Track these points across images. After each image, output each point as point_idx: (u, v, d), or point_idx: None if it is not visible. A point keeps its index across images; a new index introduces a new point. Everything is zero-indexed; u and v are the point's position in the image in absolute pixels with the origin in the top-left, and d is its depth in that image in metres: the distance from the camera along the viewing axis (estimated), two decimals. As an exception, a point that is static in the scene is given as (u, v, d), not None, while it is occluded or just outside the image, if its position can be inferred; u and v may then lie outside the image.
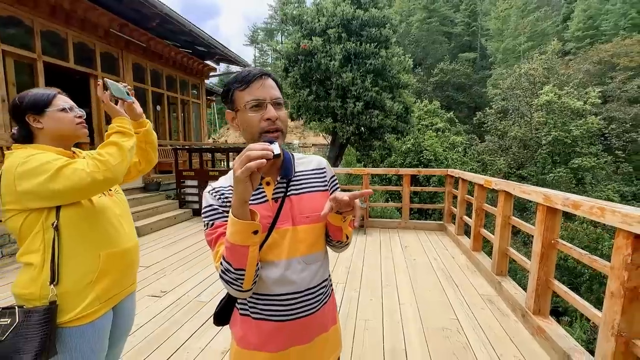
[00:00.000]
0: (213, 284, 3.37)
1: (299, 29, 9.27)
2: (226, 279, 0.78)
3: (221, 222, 0.84)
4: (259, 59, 60.02)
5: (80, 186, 1.01)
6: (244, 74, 0.86)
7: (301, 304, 0.89)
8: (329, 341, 0.97)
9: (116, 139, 1.15)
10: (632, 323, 1.65)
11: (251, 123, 0.83)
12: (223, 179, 0.93)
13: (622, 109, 18.15)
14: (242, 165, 0.67)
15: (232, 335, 0.96)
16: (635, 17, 32.46)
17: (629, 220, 1.62)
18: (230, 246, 0.74)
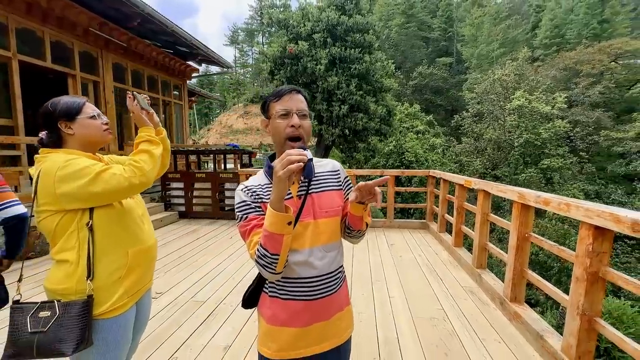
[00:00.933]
0: (208, 284, 3.43)
1: (285, 33, 9.38)
2: (262, 263, 0.93)
3: (254, 215, 0.99)
4: (239, 59, 59.39)
5: (118, 189, 1.12)
6: (278, 90, 1.04)
7: (323, 285, 1.04)
8: (344, 319, 1.13)
9: (147, 147, 1.27)
10: (593, 303, 1.90)
11: (279, 129, 1.01)
12: (253, 179, 1.09)
13: (586, 113, 19.46)
14: (283, 167, 0.82)
15: (260, 316, 1.10)
16: (596, 27, 34.80)
17: (590, 214, 1.86)
18: (268, 234, 0.89)
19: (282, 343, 1.04)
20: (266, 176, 1.07)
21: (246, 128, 36.27)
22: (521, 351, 2.30)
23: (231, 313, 2.82)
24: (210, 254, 4.47)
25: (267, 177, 1.07)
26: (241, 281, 3.52)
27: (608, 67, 22.24)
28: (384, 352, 2.28)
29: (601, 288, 1.89)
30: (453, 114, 22.39)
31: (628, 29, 36.28)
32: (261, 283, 1.10)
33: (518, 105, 12.97)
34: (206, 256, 4.37)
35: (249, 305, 1.14)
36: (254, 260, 0.96)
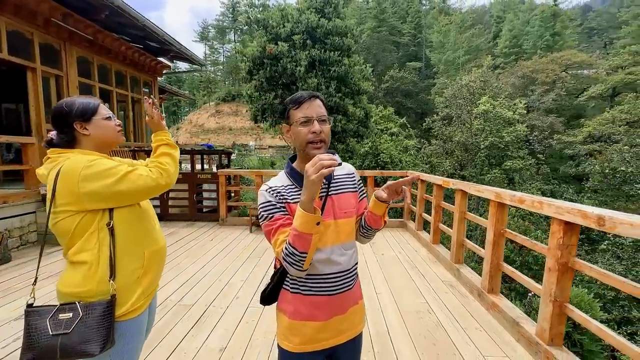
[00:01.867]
0: (194, 287, 3.36)
1: (264, 33, 9.30)
2: (289, 260, 0.97)
3: (280, 215, 1.04)
4: (210, 56, 57.75)
5: (144, 189, 1.14)
6: (298, 96, 1.09)
7: (342, 281, 1.11)
8: (358, 312, 1.20)
9: (168, 150, 1.30)
10: (563, 290, 2.13)
11: (301, 135, 1.06)
12: (276, 180, 1.13)
13: (541, 118, 21.11)
14: (317, 171, 0.88)
15: (280, 312, 1.15)
16: (549, 39, 37.81)
17: (561, 211, 2.09)
18: (298, 234, 0.94)
19: (304, 337, 1.09)
20: (288, 178, 1.11)
21: (218, 127, 35.36)
22: (500, 337, 2.51)
23: (222, 315, 2.80)
24: (192, 256, 4.37)
25: (289, 178, 1.11)
26: (228, 283, 3.49)
27: (559, 76, 24.27)
28: (377, 345, 2.39)
29: (570, 277, 2.12)
30: (423, 116, 23.33)
31: (576, 42, 39.82)
32: (281, 280, 1.15)
33: (484, 110, 13.86)
34: (189, 258, 4.26)
35: (268, 302, 1.18)
36: (280, 258, 1.01)
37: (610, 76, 23.58)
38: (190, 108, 45.02)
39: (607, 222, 1.75)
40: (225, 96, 39.36)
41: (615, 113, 18.44)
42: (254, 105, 9.65)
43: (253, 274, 3.75)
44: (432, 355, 2.28)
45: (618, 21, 46.33)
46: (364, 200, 1.26)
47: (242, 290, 3.30)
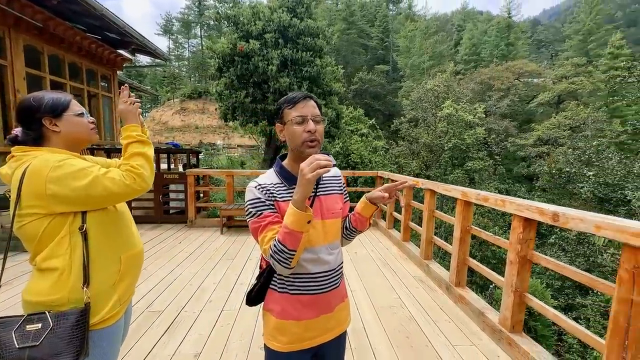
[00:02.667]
0: (163, 293, 3.21)
1: (234, 30, 9.06)
2: (278, 258, 0.97)
3: (269, 212, 1.04)
4: (174, 51, 55.25)
5: (117, 194, 1.06)
6: (292, 96, 1.10)
7: (329, 280, 1.13)
8: (344, 309, 1.23)
9: (140, 149, 1.18)
10: (523, 281, 2.31)
11: (296, 134, 1.06)
12: (265, 177, 1.12)
13: (497, 122, 22.66)
14: (313, 170, 0.89)
15: (267, 312, 1.14)
16: (503, 49, 40.68)
17: (521, 208, 2.27)
18: (289, 231, 0.94)
19: (292, 336, 1.09)
20: (277, 176, 1.11)
21: (183, 125, 33.93)
22: (467, 327, 2.67)
23: (195, 320, 2.71)
24: (160, 260, 4.17)
25: (278, 177, 1.11)
26: (200, 286, 3.38)
27: (513, 83, 26.22)
28: (354, 341, 2.44)
29: (528, 269, 2.31)
30: (391, 118, 24.08)
31: (527, 53, 43.20)
32: (268, 280, 1.14)
33: (447, 113, 14.64)
34: (156, 263, 4.06)
35: (254, 302, 1.17)
36: (267, 255, 1.00)
37: (555, 85, 25.90)
38: (153, 105, 42.76)
39: (560, 218, 1.93)
40: (191, 93, 37.85)
41: (560, 119, 20.29)
42: (223, 103, 9.38)
43: (226, 276, 3.66)
44: (406, 347, 2.37)
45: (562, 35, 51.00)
46: (347, 203, 1.29)
47: (216, 293, 3.21)
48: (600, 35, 38.94)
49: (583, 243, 9.64)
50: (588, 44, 39.95)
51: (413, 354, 2.31)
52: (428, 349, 2.36)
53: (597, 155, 13.54)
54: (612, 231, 1.59)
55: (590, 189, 12.33)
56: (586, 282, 1.84)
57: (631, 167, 11.82)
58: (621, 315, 1.53)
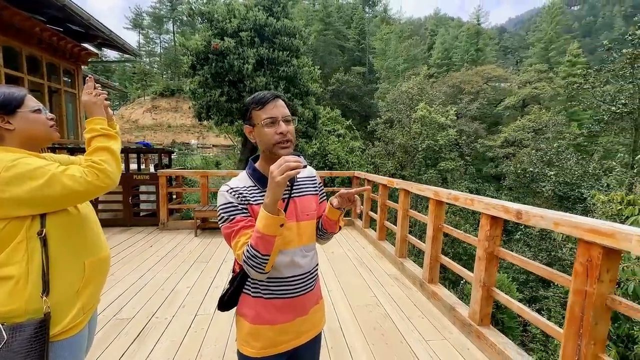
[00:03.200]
0: (132, 299, 3.07)
1: (208, 27, 8.82)
2: (251, 263, 0.95)
3: (241, 217, 1.01)
4: (145, 46, 53.04)
5: (78, 193, 0.99)
6: (260, 97, 1.07)
7: (304, 283, 1.12)
8: (319, 311, 1.23)
9: (104, 143, 1.10)
10: (490, 276, 2.43)
11: (267, 136, 1.04)
12: (236, 180, 1.09)
13: (468, 124, 23.65)
14: (282, 172, 0.87)
15: (241, 317, 1.12)
16: (473, 54, 42.50)
17: (488, 207, 2.38)
18: (261, 236, 0.92)
19: (266, 341, 1.08)
20: (250, 178, 1.09)
21: (155, 124, 32.65)
22: (439, 322, 2.76)
23: (167, 326, 2.61)
24: (129, 265, 3.98)
25: (251, 179, 1.09)
26: (173, 291, 3.26)
27: (482, 87, 27.48)
28: (331, 341, 2.45)
29: (496, 264, 2.43)
30: (367, 119, 24.47)
31: (495, 58, 45.36)
32: (241, 285, 1.12)
33: (421, 115, 15.11)
34: (125, 268, 3.88)
35: (227, 307, 1.15)
36: (241, 260, 0.98)
37: (520, 89, 27.40)
38: (122, 102, 40.80)
39: (523, 215, 2.04)
40: (163, 90, 36.49)
41: (525, 121, 21.50)
42: (197, 102, 9.11)
43: (200, 279, 3.56)
44: (381, 345, 2.42)
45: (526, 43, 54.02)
46: (324, 202, 1.28)
47: (189, 298, 3.11)
48: (559, 44, 41.67)
49: (545, 239, 10.27)
50: (549, 52, 42.63)
51: (388, 350, 2.35)
52: (402, 345, 2.42)
53: (557, 156, 14.48)
54: (569, 227, 1.70)
55: (551, 188, 13.16)
56: (547, 275, 1.96)
57: (587, 167, 12.75)
58: (576, 305, 1.64)
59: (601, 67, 15.46)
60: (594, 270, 1.57)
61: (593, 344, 1.58)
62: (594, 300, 1.56)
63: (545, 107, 24.97)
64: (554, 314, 6.56)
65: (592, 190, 9.44)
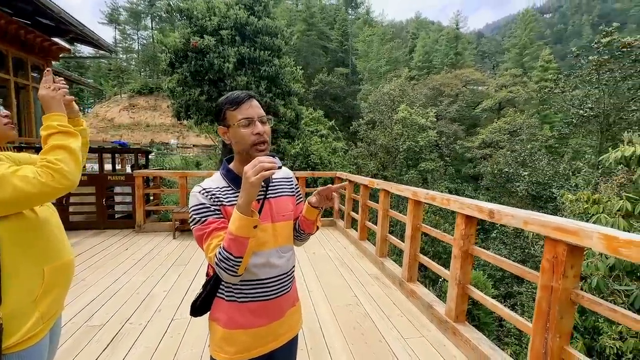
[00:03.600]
0: (105, 305, 2.95)
1: (187, 24, 8.61)
2: (224, 266, 0.93)
3: (214, 219, 0.99)
4: (121, 42, 51.24)
5: (31, 196, 0.92)
6: (234, 97, 1.05)
7: (280, 285, 1.11)
8: (295, 313, 1.22)
9: (61, 141, 1.03)
10: (465, 274, 2.50)
11: (243, 137, 1.03)
12: (210, 181, 1.07)
13: (447, 126, 24.30)
14: (256, 173, 0.86)
15: (214, 322, 1.09)
16: (453, 57, 43.68)
17: (463, 206, 2.45)
18: (234, 238, 0.90)
19: (240, 345, 1.06)
20: (224, 179, 1.07)
21: (132, 123, 31.58)
22: (417, 320, 2.82)
23: (142, 331, 2.53)
24: (102, 270, 3.82)
25: (225, 180, 1.06)
26: (149, 295, 3.16)
27: (461, 90, 28.31)
28: (311, 342, 2.45)
29: (470, 262, 2.50)
30: (350, 120, 24.68)
31: (473, 62, 46.82)
32: (214, 289, 1.10)
33: (402, 116, 15.40)
34: (97, 273, 3.72)
35: (200, 312, 1.12)
36: (213, 263, 0.96)
37: (497, 93, 28.42)
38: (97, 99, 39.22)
39: (495, 214, 2.12)
40: (141, 88, 35.37)
41: (501, 124, 22.32)
42: (176, 100, 8.88)
43: (178, 283, 3.47)
44: (361, 344, 2.44)
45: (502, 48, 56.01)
46: (301, 203, 1.27)
47: (166, 302, 3.03)
48: (533, 50, 43.56)
49: (519, 236, 10.68)
50: (523, 57, 44.46)
51: (367, 349, 2.37)
52: (381, 344, 2.45)
53: (531, 157, 15.10)
54: (537, 226, 1.78)
55: (525, 188, 13.71)
56: (517, 272, 2.03)
57: (557, 168, 13.36)
58: (544, 300, 1.71)
59: (570, 73, 16.28)
60: (560, 266, 1.64)
61: (559, 337, 1.65)
62: (560, 295, 1.63)
63: (519, 110, 26.02)
64: (527, 309, 6.84)
65: (561, 190, 9.92)
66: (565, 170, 12.91)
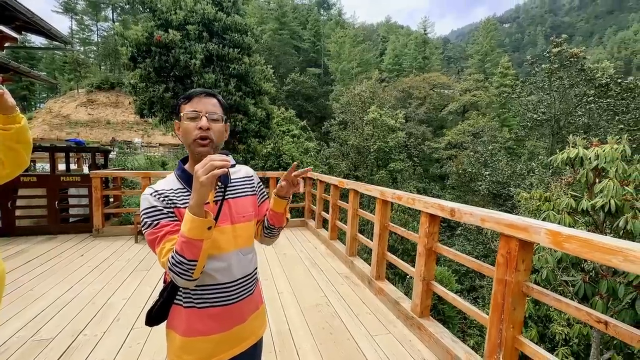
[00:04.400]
0: (54, 317, 2.73)
1: (151, 17, 8.19)
2: (177, 270, 0.89)
3: (166, 222, 0.94)
4: (78, 33, 47.86)
5: None
6: (190, 91, 1.03)
7: (241, 288, 1.08)
8: (259, 317, 1.19)
9: None
10: (429, 271, 2.59)
11: (187, 131, 1.00)
12: (163, 182, 1.02)
13: (416, 127, 25.18)
14: (206, 173, 0.82)
15: (171, 330, 1.04)
16: (421, 61, 45.30)
17: (427, 205, 2.53)
18: (186, 240, 0.86)
19: (200, 353, 1.02)
20: (178, 180, 1.02)
21: (91, 120, 29.59)
22: (385, 317, 2.88)
23: (97, 343, 2.36)
24: (53, 278, 3.53)
25: (179, 181, 1.02)
26: (106, 304, 2.97)
27: (428, 93, 29.46)
28: (279, 345, 2.42)
29: (434, 259, 2.60)
30: (322, 120, 24.81)
31: (439, 66, 48.84)
32: (172, 295, 1.05)
33: (372, 117, 15.73)
34: (47, 282, 3.43)
35: (156, 321, 1.06)
36: (166, 268, 0.92)
37: (461, 96, 29.89)
38: (50, 94, 36.33)
39: (456, 213, 2.21)
40: (101, 83, 33.24)
41: (465, 126, 23.51)
42: (139, 97, 8.42)
43: (139, 290, 3.29)
44: (329, 343, 2.45)
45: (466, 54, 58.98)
46: (265, 203, 1.25)
47: (125, 311, 2.85)
48: (494, 57, 46.27)
49: (482, 233, 11.29)
50: (485, 64, 47.10)
51: (335, 348, 2.39)
52: (349, 342, 2.47)
53: (491, 157, 16.02)
54: (492, 223, 1.88)
55: (486, 186, 14.52)
56: (475, 267, 2.14)
57: (515, 168, 14.29)
58: (499, 293, 1.81)
59: (526, 79, 17.49)
60: (513, 261, 1.74)
61: (512, 327, 1.76)
62: (513, 288, 1.74)
63: (482, 113, 27.56)
64: (487, 301, 7.24)
65: (517, 189, 10.62)
66: (521, 170, 13.84)
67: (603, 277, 2.89)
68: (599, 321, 1.40)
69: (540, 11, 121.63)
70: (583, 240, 1.35)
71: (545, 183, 9.80)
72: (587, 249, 1.33)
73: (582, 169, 3.18)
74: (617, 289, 2.74)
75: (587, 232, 1.58)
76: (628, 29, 76.73)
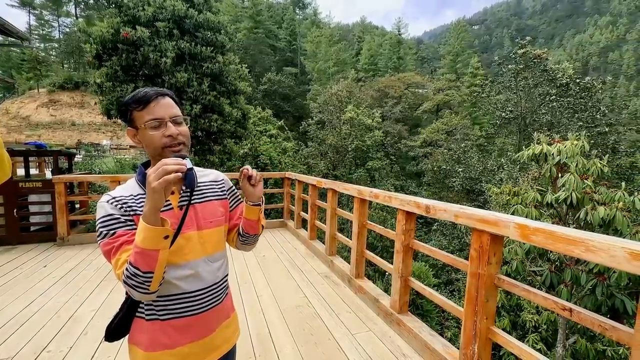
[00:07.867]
0: (14, 334, 2.54)
1: (117, 13, 7.79)
2: (132, 283, 0.83)
3: (123, 231, 0.88)
4: (38, 29, 44.87)
5: None
6: (140, 95, 0.95)
7: (209, 297, 1.02)
8: (230, 326, 1.14)
9: None
10: (407, 267, 2.63)
11: (153, 140, 0.93)
12: (121, 189, 0.96)
13: (392, 126, 25.69)
14: (158, 178, 0.77)
15: (133, 345, 0.98)
16: (396, 61, 46.22)
17: (403, 203, 2.57)
18: (140, 251, 0.80)
19: None
20: (139, 185, 0.96)
21: (54, 121, 27.86)
22: (365, 315, 2.90)
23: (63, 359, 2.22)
24: (11, 293, 3.28)
25: (141, 187, 0.96)
26: (72, 317, 2.79)
27: (404, 92, 30.12)
28: (259, 349, 2.37)
29: (411, 255, 2.64)
30: (300, 120, 24.75)
31: (414, 66, 50.02)
32: (133, 307, 0.98)
33: (350, 117, 15.88)
34: (5, 297, 3.18)
35: (117, 336, 0.99)
36: (121, 281, 0.85)
37: (435, 96, 30.79)
38: (7, 94, 33.84)
39: (431, 209, 2.26)
40: (64, 82, 31.34)
41: (439, 124, 24.25)
42: (105, 97, 7.99)
43: (108, 300, 3.12)
44: (310, 344, 2.43)
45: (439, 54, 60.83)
46: (239, 206, 1.20)
47: (93, 323, 2.70)
48: (464, 57, 47.96)
49: (456, 227, 11.69)
50: (457, 64, 48.74)
51: (316, 349, 2.38)
52: (330, 342, 2.47)
53: (464, 154, 16.62)
54: (465, 219, 1.93)
55: (460, 183, 15.05)
56: (450, 262, 2.20)
57: (486, 164, 14.91)
58: (472, 286, 1.87)
59: (494, 79, 18.30)
60: (485, 254, 1.80)
61: (486, 319, 1.81)
62: (485, 280, 1.80)
63: (455, 111, 28.52)
64: (463, 294, 7.50)
65: (488, 184, 11.08)
66: (492, 166, 14.46)
67: (567, 266, 3.07)
68: (564, 309, 1.47)
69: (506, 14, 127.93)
70: (548, 232, 1.41)
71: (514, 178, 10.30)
72: (552, 241, 1.39)
73: (546, 164, 3.35)
74: (580, 276, 2.91)
75: (552, 224, 1.66)
76: (584, 32, 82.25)
